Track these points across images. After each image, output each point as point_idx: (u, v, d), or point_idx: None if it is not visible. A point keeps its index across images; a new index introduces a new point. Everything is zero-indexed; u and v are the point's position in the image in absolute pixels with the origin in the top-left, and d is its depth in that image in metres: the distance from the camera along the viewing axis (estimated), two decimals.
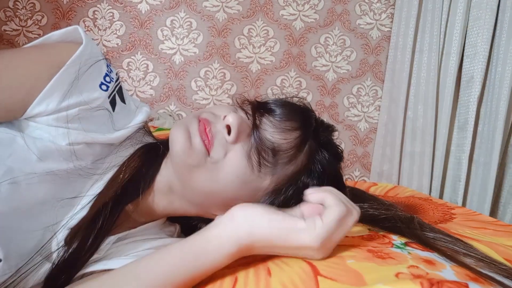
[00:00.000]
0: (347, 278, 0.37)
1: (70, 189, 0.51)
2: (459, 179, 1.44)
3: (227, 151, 0.50)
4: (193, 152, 0.50)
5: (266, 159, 0.50)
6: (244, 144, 0.51)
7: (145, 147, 0.58)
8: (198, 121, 0.52)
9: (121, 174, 0.54)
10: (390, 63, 1.59)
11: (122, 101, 0.57)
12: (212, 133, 0.51)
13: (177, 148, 0.50)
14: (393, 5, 1.60)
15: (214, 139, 0.50)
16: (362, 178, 1.67)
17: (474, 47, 1.43)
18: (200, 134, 0.50)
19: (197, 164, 0.50)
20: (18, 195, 0.46)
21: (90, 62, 0.52)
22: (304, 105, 0.58)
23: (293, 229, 0.44)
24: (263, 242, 0.44)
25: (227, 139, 0.50)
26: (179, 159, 0.51)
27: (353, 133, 1.66)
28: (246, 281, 0.41)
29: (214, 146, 0.50)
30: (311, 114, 0.57)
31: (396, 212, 0.57)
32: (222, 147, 0.50)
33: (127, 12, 1.49)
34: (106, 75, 0.54)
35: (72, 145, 0.50)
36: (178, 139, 0.50)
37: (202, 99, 1.56)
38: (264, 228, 0.44)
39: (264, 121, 0.52)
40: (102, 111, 0.53)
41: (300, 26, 1.59)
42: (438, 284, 0.32)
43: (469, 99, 1.44)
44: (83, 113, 0.50)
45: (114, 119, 0.55)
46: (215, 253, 0.44)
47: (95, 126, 0.52)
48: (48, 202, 0.49)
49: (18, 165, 0.46)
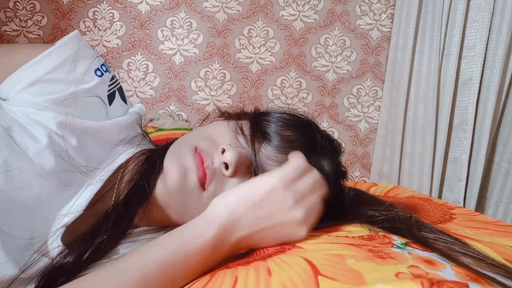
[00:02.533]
0: (347, 278, 0.37)
1: (64, 188, 0.50)
2: (459, 179, 1.44)
3: (224, 184, 0.51)
4: (188, 189, 0.50)
5: None
6: (242, 177, 0.52)
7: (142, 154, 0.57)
8: (194, 151, 0.52)
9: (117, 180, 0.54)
10: (390, 63, 1.59)
11: (123, 99, 0.57)
12: (211, 168, 0.51)
13: (171, 184, 0.51)
14: (393, 5, 1.60)
15: (212, 176, 0.51)
16: (362, 178, 1.67)
17: (472, 49, 1.44)
18: (196, 169, 0.50)
19: (192, 198, 0.51)
20: (13, 188, 0.46)
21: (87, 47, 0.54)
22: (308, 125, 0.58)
23: (258, 178, 0.47)
24: (238, 203, 0.45)
25: (225, 173, 0.51)
26: (172, 193, 0.51)
27: (353, 133, 1.66)
28: (246, 281, 0.41)
29: (212, 183, 0.51)
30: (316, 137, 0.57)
31: (396, 212, 0.57)
32: (220, 182, 0.51)
33: (127, 13, 1.49)
34: (103, 64, 0.56)
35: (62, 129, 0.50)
36: (172, 175, 0.51)
37: (202, 99, 1.56)
38: (236, 193, 0.46)
39: (262, 151, 0.53)
40: (94, 99, 0.53)
41: (300, 26, 1.59)
42: (438, 284, 0.32)
43: (468, 100, 1.45)
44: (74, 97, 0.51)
45: (109, 111, 0.55)
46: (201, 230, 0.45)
47: (86, 113, 0.53)
48: (43, 199, 0.48)
49: (13, 158, 0.46)
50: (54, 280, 0.47)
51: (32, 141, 0.48)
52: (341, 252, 0.43)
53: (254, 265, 0.44)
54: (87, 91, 0.53)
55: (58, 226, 0.49)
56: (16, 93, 0.52)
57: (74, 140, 0.51)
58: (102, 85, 0.56)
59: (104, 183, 0.52)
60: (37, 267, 0.47)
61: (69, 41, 0.55)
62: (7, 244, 0.45)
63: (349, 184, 1.03)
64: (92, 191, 0.51)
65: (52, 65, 0.52)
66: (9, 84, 0.53)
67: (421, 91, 1.51)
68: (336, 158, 0.60)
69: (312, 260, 0.42)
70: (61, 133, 0.50)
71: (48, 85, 0.52)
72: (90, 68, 0.54)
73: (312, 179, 0.48)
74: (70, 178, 0.50)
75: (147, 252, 0.44)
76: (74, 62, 0.53)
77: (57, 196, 0.50)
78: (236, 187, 0.48)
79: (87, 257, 0.49)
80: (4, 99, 0.55)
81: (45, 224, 0.49)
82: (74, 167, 0.51)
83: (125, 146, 0.57)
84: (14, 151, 0.47)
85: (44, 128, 0.49)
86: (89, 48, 0.57)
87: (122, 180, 0.54)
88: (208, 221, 0.45)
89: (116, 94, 0.57)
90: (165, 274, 0.42)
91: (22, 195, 0.47)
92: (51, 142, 0.49)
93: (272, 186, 0.45)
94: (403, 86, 1.53)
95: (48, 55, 0.53)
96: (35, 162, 0.47)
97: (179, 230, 0.46)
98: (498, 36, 1.39)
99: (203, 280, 0.44)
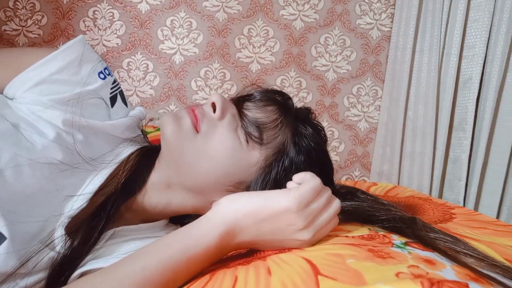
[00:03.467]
0: (347, 278, 0.37)
1: (70, 181, 0.52)
2: (459, 179, 1.44)
3: (215, 126, 0.54)
4: (183, 131, 0.53)
5: (252, 133, 0.54)
6: (230, 122, 0.55)
7: (143, 148, 0.60)
8: (187, 108, 0.56)
9: (120, 171, 0.56)
10: (390, 63, 1.59)
11: (124, 102, 0.59)
12: (201, 112, 0.55)
13: (167, 131, 0.53)
14: (393, 5, 1.60)
15: (203, 117, 0.54)
16: (362, 178, 1.67)
17: (472, 49, 1.44)
18: (188, 115, 0.54)
19: (188, 142, 0.53)
20: (22, 180, 0.48)
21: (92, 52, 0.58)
22: (280, 90, 0.64)
23: (272, 194, 0.48)
24: (247, 214, 0.46)
25: (213, 116, 0.54)
26: (170, 141, 0.53)
27: (353, 133, 1.66)
28: (246, 280, 0.41)
29: (203, 123, 0.54)
30: (286, 95, 0.62)
31: (396, 212, 0.57)
32: (211, 123, 0.54)
33: (127, 12, 1.49)
34: (106, 68, 0.59)
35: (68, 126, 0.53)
36: (167, 123, 0.53)
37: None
38: (246, 202, 0.47)
39: (246, 104, 0.58)
40: (97, 101, 0.57)
41: (300, 26, 1.59)
42: (438, 284, 0.32)
43: (468, 99, 1.45)
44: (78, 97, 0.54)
45: (111, 113, 0.58)
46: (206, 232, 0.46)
47: (89, 113, 0.55)
48: (51, 191, 0.50)
49: (22, 153, 0.48)
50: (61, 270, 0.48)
51: (39, 136, 0.51)
52: (341, 251, 0.43)
53: (254, 264, 0.44)
54: (90, 92, 0.57)
55: (63, 219, 0.50)
56: (23, 93, 0.55)
57: (80, 136, 0.54)
58: (104, 88, 0.59)
59: (109, 176, 0.54)
60: (38, 259, 0.47)
61: (74, 44, 0.58)
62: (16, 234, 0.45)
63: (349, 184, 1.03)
64: (97, 184, 0.53)
65: (57, 67, 0.55)
66: (16, 84, 0.55)
67: (421, 91, 1.51)
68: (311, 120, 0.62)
69: (312, 260, 0.42)
70: (67, 130, 0.53)
71: (53, 85, 0.55)
72: (94, 71, 0.57)
73: (326, 199, 0.49)
74: (76, 171, 0.52)
75: (150, 254, 0.45)
76: (79, 65, 0.56)
77: (63, 188, 0.51)
78: (249, 194, 0.49)
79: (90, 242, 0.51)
80: (11, 98, 0.57)
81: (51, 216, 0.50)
82: (83, 158, 0.53)
83: (128, 144, 0.59)
84: (23, 145, 0.49)
85: (51, 125, 0.52)
86: (93, 52, 0.60)
87: (123, 173, 0.56)
88: (214, 225, 0.46)
89: (117, 97, 0.60)
90: (168, 276, 0.44)
91: (30, 187, 0.48)
92: (58, 137, 0.51)
93: (287, 209, 0.46)
94: (403, 85, 1.53)
95: (54, 58, 0.56)
96: (43, 155, 0.49)
97: (183, 231, 0.47)
98: (497, 35, 1.39)
99: (203, 280, 0.44)
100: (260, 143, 0.54)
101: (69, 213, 0.50)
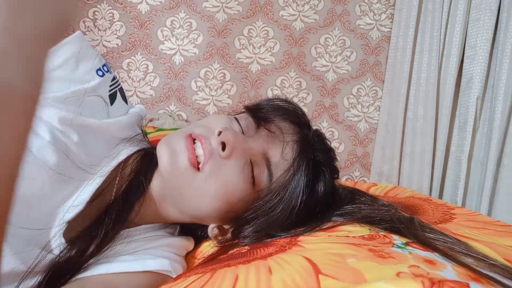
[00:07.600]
0: (348, 277, 0.37)
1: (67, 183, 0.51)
2: (459, 179, 1.44)
3: (220, 166, 0.50)
4: (178, 169, 0.50)
5: (259, 173, 0.50)
6: (238, 159, 0.51)
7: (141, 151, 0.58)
8: (187, 137, 0.51)
9: (117, 176, 0.54)
10: (390, 63, 1.59)
11: (124, 100, 0.58)
12: (209, 149, 0.50)
13: (163, 167, 0.50)
14: (393, 5, 1.60)
15: (209, 157, 0.50)
16: (362, 179, 1.67)
17: (473, 48, 1.43)
18: (186, 150, 0.50)
19: (186, 179, 0.50)
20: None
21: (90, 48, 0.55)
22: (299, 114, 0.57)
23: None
24: None
25: (221, 154, 0.50)
26: (165, 176, 0.51)
27: (353, 133, 1.66)
28: (247, 279, 0.41)
29: (208, 163, 0.50)
30: (307, 122, 0.57)
31: (396, 212, 0.57)
32: (217, 163, 0.50)
33: (127, 13, 1.49)
34: (104, 65, 0.56)
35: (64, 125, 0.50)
36: (161, 156, 0.50)
37: (202, 99, 1.56)
38: None
39: (259, 133, 0.53)
40: (95, 99, 0.54)
41: (300, 26, 1.59)
42: (439, 284, 0.32)
43: (469, 99, 1.44)
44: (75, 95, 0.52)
45: (110, 111, 0.56)
46: None
47: (87, 111, 0.53)
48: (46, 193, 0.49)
49: None
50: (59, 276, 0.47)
51: (34, 137, 0.49)
52: (341, 251, 0.43)
53: (255, 263, 0.44)
54: (89, 90, 0.54)
55: (60, 221, 0.49)
56: None
57: (76, 136, 0.52)
58: (103, 85, 0.57)
59: (105, 179, 0.53)
60: (41, 263, 0.47)
61: (71, 41, 0.55)
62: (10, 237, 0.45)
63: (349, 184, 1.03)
64: (94, 186, 0.52)
65: (54, 64, 0.53)
66: None
67: (421, 91, 1.51)
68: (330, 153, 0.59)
69: (313, 259, 0.42)
70: (63, 129, 0.51)
71: (50, 83, 0.53)
72: (91, 68, 0.55)
73: None
74: (72, 173, 0.51)
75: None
76: (76, 62, 0.53)
77: (59, 191, 0.50)
78: None
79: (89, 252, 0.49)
80: None
81: (47, 218, 0.49)
82: (77, 164, 0.51)
83: (126, 144, 0.57)
84: None
85: (46, 124, 0.50)
86: (91, 48, 0.58)
87: (122, 176, 0.55)
88: None
89: (117, 94, 0.58)
90: None
91: (25, 189, 0.47)
92: (53, 139, 0.49)
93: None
94: (403, 86, 1.53)
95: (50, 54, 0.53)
96: (38, 157, 0.48)
97: None
98: (505, 33, 1.37)
99: (203, 278, 0.44)
100: (269, 184, 0.50)
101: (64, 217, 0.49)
